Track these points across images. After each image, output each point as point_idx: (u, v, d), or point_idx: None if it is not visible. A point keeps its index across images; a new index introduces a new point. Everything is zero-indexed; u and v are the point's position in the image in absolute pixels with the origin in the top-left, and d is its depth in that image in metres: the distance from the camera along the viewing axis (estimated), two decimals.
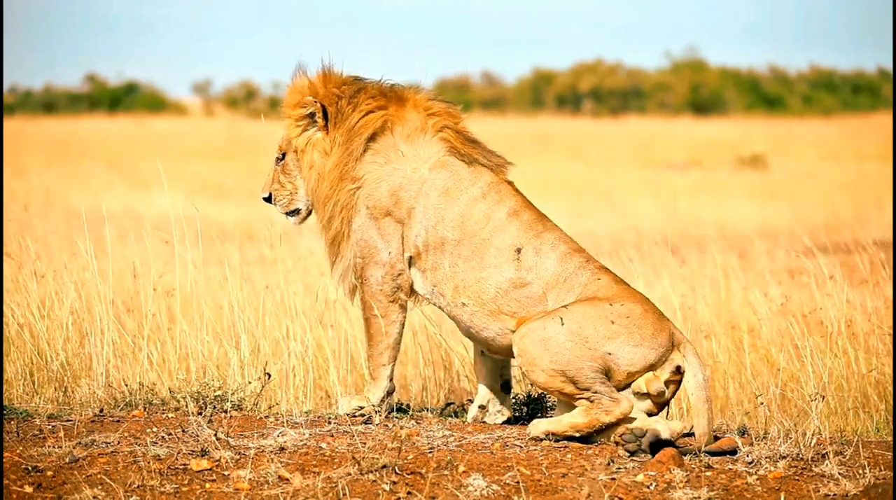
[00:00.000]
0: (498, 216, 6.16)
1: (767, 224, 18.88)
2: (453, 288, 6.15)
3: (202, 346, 7.12)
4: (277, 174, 6.49)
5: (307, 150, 6.39)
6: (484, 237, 6.13)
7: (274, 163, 6.52)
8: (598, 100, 61.53)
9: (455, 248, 6.15)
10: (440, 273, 6.17)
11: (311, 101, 6.34)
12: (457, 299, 6.14)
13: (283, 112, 6.49)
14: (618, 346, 5.89)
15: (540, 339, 5.92)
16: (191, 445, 5.74)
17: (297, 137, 6.42)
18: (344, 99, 6.34)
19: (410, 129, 6.29)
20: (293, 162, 6.46)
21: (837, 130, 45.31)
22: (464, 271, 6.13)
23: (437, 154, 6.26)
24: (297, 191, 6.46)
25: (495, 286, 6.09)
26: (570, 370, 5.87)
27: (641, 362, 5.92)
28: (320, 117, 6.35)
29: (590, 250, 6.28)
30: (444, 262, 6.16)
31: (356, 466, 5.53)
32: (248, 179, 26.99)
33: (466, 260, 6.13)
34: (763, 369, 7.99)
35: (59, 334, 7.09)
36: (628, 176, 29.68)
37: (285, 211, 6.52)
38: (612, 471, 5.62)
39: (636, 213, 21.42)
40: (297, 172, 6.45)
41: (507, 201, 6.18)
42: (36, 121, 49.31)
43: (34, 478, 5.43)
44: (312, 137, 6.39)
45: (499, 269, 6.10)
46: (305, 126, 6.39)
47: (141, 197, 21.38)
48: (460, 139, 6.31)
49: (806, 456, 5.73)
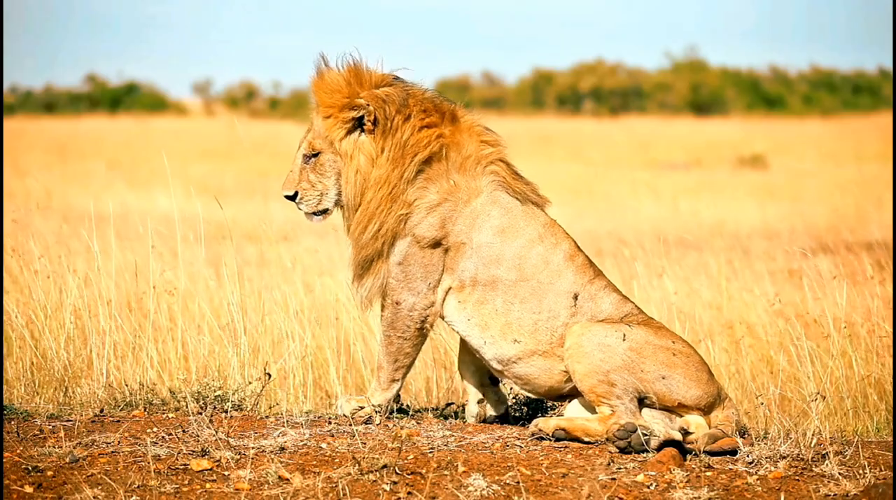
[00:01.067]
0: (556, 261, 6.13)
1: (767, 224, 18.88)
2: (504, 325, 6.10)
3: (202, 346, 7.12)
4: (306, 172, 6.21)
5: (354, 155, 6.14)
6: (542, 281, 6.10)
7: (301, 160, 6.23)
8: (598, 100, 61.55)
9: (511, 288, 6.09)
10: (487, 308, 6.10)
11: (364, 103, 6.09)
12: (507, 336, 6.10)
13: (321, 109, 6.17)
14: (673, 374, 5.96)
15: (599, 343, 5.96)
16: (191, 445, 5.75)
17: (342, 139, 6.14)
18: (391, 104, 6.13)
19: (464, 157, 6.15)
20: (330, 163, 6.18)
21: (837, 130, 45.30)
22: (519, 311, 6.09)
23: (488, 187, 6.15)
24: (328, 191, 6.20)
25: (551, 330, 6.09)
26: (613, 374, 5.89)
27: (694, 398, 5.97)
28: (370, 121, 6.11)
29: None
30: (497, 299, 6.10)
31: (356, 466, 5.53)
32: (248, 180, 27.00)
33: (523, 301, 6.09)
34: (763, 369, 7.99)
35: (61, 334, 7.09)
36: (628, 176, 29.67)
37: (312, 211, 6.23)
38: (612, 471, 5.62)
39: (636, 213, 21.42)
40: (333, 173, 6.19)
41: (562, 245, 6.15)
42: (36, 121, 49.31)
43: (34, 478, 5.44)
44: (359, 140, 6.15)
45: (555, 313, 6.10)
46: (351, 128, 6.15)
47: (141, 197, 21.38)
48: (511, 174, 6.22)
49: (806, 456, 5.73)
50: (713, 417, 5.98)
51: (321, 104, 6.18)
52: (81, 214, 13.61)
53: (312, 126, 6.24)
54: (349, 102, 6.12)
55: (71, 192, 22.34)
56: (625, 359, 5.93)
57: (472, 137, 6.19)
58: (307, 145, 6.22)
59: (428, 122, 6.16)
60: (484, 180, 6.16)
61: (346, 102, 6.12)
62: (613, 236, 16.21)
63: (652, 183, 27.43)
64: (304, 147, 6.23)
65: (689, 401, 5.95)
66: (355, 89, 6.12)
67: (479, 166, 6.17)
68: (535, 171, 6.20)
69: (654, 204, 22.85)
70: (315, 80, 6.22)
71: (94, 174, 26.80)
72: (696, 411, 5.96)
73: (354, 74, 6.17)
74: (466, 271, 6.11)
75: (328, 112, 6.16)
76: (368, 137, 6.13)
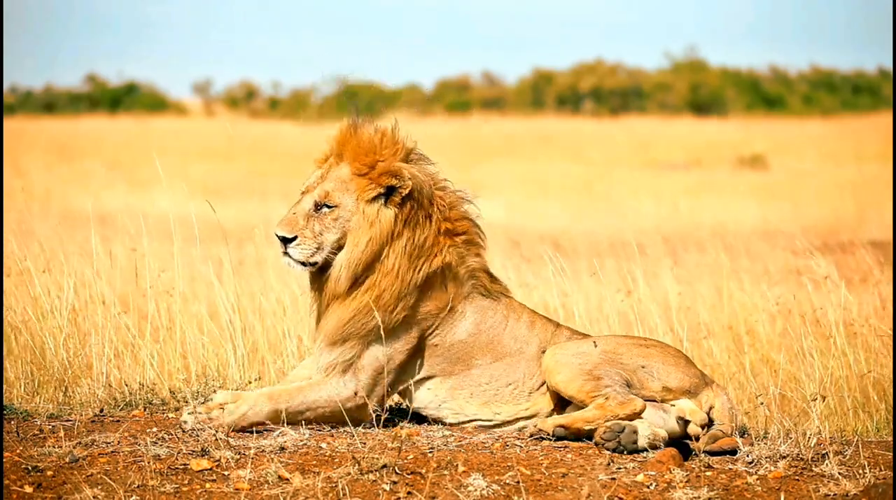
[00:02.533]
0: (521, 332, 6.19)
1: (767, 224, 18.88)
2: (482, 403, 6.14)
3: (201, 346, 7.12)
4: (313, 221, 5.96)
5: (374, 222, 5.94)
6: (513, 353, 6.16)
7: (310, 205, 5.97)
8: (598, 100, 61.54)
9: (484, 369, 6.14)
10: (462, 393, 6.13)
11: (406, 176, 5.92)
12: (486, 411, 6.13)
13: (355, 165, 5.96)
14: (651, 362, 6.06)
15: (574, 353, 6.05)
16: (191, 445, 5.75)
17: (370, 202, 5.94)
18: (424, 194, 6.01)
19: (460, 267, 6.12)
20: (342, 219, 5.94)
21: (837, 130, 45.29)
22: (496, 387, 6.14)
23: (469, 291, 6.15)
24: (325, 247, 5.96)
25: (529, 389, 6.15)
26: (596, 370, 5.95)
27: (676, 381, 6.04)
28: (400, 196, 5.94)
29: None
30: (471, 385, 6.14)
31: (356, 466, 5.53)
32: (249, 180, 27.00)
33: (498, 378, 6.14)
34: (763, 369, 7.99)
35: (60, 334, 7.09)
36: (628, 176, 29.67)
37: (303, 260, 5.96)
38: (612, 471, 5.62)
39: (636, 213, 21.42)
40: (340, 231, 5.96)
41: (523, 317, 6.22)
42: (36, 121, 49.31)
43: (34, 478, 5.43)
44: (382, 209, 5.96)
45: (531, 372, 6.16)
46: (380, 194, 5.94)
47: (141, 197, 21.38)
48: (489, 278, 6.22)
49: (806, 456, 5.73)
50: (703, 400, 6.01)
51: (356, 159, 5.97)
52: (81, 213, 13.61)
53: (329, 174, 6.02)
54: (391, 168, 5.94)
55: (71, 192, 22.34)
56: (602, 357, 6.03)
57: (471, 249, 6.16)
58: (321, 193, 5.98)
59: (446, 228, 6.08)
60: (467, 286, 6.15)
61: (386, 168, 5.94)
62: (613, 236, 16.21)
63: (652, 183, 27.44)
64: (317, 194, 5.98)
65: (673, 384, 6.02)
66: (390, 156, 5.96)
67: (467, 275, 6.14)
68: (535, 171, 6.18)
69: (654, 204, 22.85)
70: (348, 132, 6.02)
71: (94, 174, 26.80)
72: (683, 394, 6.00)
73: (391, 140, 6.02)
74: (438, 365, 6.13)
75: (363, 170, 5.95)
76: (392, 211, 5.96)
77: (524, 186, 26.91)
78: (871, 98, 58.89)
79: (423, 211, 6.02)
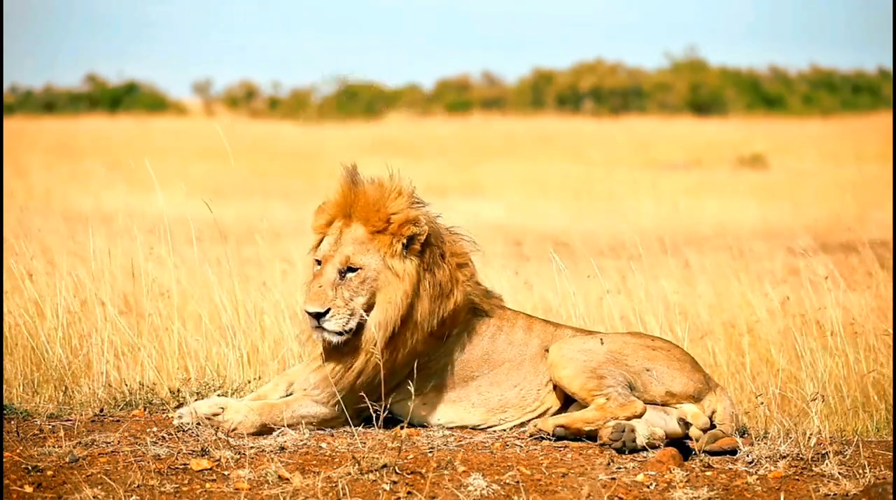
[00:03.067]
0: (518, 337, 6.17)
1: (767, 224, 18.89)
2: (486, 411, 6.13)
3: (200, 346, 7.12)
4: (341, 289, 5.81)
5: (404, 276, 5.84)
6: (513, 358, 6.15)
7: (334, 275, 5.82)
8: (598, 100, 61.54)
9: (484, 379, 6.13)
10: (462, 404, 6.12)
11: (424, 224, 5.84)
12: (492, 418, 6.12)
13: (370, 223, 5.84)
14: (656, 365, 6.05)
15: (579, 349, 6.04)
16: (191, 444, 5.75)
17: (395, 257, 5.84)
18: (437, 234, 5.96)
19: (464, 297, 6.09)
20: (370, 280, 5.83)
21: (837, 130, 45.29)
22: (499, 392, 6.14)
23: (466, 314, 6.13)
24: (357, 311, 5.82)
25: (537, 387, 6.14)
26: (600, 369, 5.95)
27: (681, 385, 6.03)
28: (419, 244, 5.86)
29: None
30: (472, 395, 6.13)
31: (356, 465, 5.53)
32: (248, 180, 26.99)
33: (500, 384, 6.14)
34: (763, 369, 7.99)
35: (59, 333, 7.09)
36: (628, 176, 29.67)
37: (339, 329, 5.82)
38: (612, 471, 5.62)
39: (636, 213, 21.42)
40: (368, 292, 5.84)
41: (518, 321, 6.20)
42: (36, 121, 49.31)
43: (34, 478, 5.43)
44: (406, 261, 5.86)
45: (536, 369, 6.15)
46: (403, 246, 5.85)
47: (141, 197, 21.38)
48: (484, 296, 6.18)
49: (806, 456, 5.73)
50: (706, 405, 6.01)
51: (368, 218, 5.85)
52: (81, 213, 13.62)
53: (343, 238, 5.88)
54: (408, 218, 5.85)
55: (71, 192, 22.34)
56: (608, 356, 6.01)
57: (471, 280, 6.14)
58: (342, 259, 5.83)
59: (458, 262, 6.04)
60: (463, 312, 6.12)
61: (403, 219, 5.84)
62: (613, 236, 16.21)
63: (652, 183, 27.44)
64: (339, 261, 5.84)
65: (677, 389, 6.01)
66: (403, 207, 5.86)
67: (465, 302, 6.10)
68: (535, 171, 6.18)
69: (654, 204, 22.85)
70: (350, 192, 5.89)
71: (94, 174, 26.79)
72: (687, 399, 6.00)
73: (396, 190, 5.90)
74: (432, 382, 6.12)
75: (380, 226, 5.84)
76: (414, 262, 5.88)
77: (524, 186, 26.91)
78: (870, 98, 58.89)
79: (438, 251, 5.98)
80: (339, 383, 5.94)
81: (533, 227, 19.03)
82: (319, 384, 5.97)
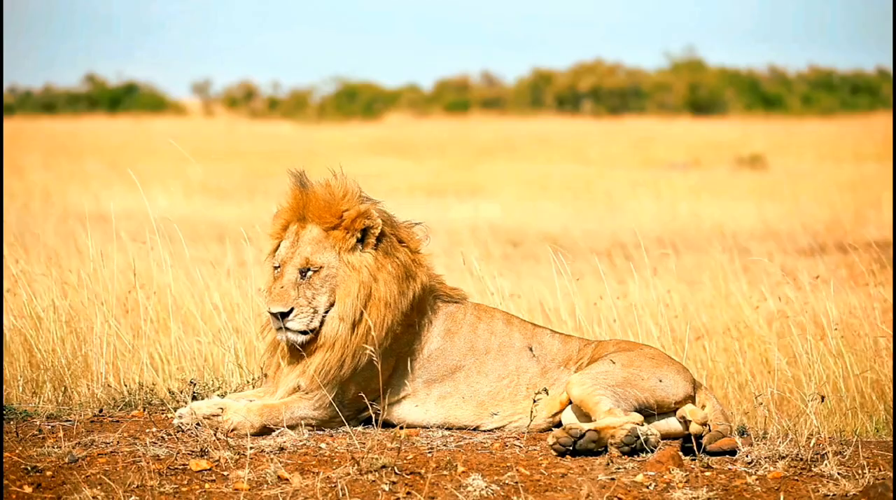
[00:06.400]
0: (499, 327, 6.21)
1: (767, 224, 18.89)
2: (477, 404, 6.13)
3: (199, 346, 7.13)
4: (303, 288, 5.91)
5: (360, 268, 5.94)
6: (497, 344, 6.17)
7: (295, 274, 5.93)
8: (597, 100, 61.57)
9: (471, 369, 6.14)
10: (453, 399, 6.13)
11: (375, 216, 5.95)
12: (483, 413, 6.13)
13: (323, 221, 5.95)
14: (665, 374, 6.07)
15: (597, 372, 6.04)
16: (190, 445, 5.75)
17: (350, 251, 5.95)
18: (387, 225, 6.02)
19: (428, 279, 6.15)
20: (329, 277, 5.93)
21: (837, 130, 45.30)
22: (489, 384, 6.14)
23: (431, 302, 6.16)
24: (320, 309, 5.92)
25: (525, 383, 6.15)
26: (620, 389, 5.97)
27: (684, 391, 6.07)
28: (374, 237, 5.96)
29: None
30: (461, 386, 6.13)
31: (355, 466, 5.53)
32: (248, 180, 27.00)
33: (488, 374, 6.15)
34: (762, 369, 7.99)
35: (58, 334, 7.09)
36: (628, 176, 29.68)
37: (303, 329, 5.92)
38: (612, 471, 5.62)
39: (636, 213, 21.42)
40: (329, 289, 5.94)
41: (496, 315, 6.26)
42: (36, 121, 49.34)
43: (34, 478, 5.44)
44: (362, 254, 5.96)
45: (523, 367, 6.17)
46: (357, 240, 5.96)
47: (140, 197, 21.37)
48: (448, 287, 6.25)
49: (805, 456, 5.73)
50: (697, 402, 6.04)
51: (321, 218, 5.96)
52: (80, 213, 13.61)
53: (300, 240, 5.98)
54: (359, 211, 5.96)
55: (70, 192, 22.34)
56: (625, 375, 6.01)
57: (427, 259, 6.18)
58: (301, 260, 5.94)
59: (414, 246, 6.11)
60: (429, 298, 6.16)
61: (354, 214, 5.95)
62: (613, 236, 16.22)
63: (651, 183, 27.43)
64: (298, 262, 5.94)
65: (681, 394, 6.03)
66: (352, 202, 5.97)
67: (426, 289, 6.14)
68: (535, 171, 6.17)
69: (653, 204, 22.85)
70: (301, 196, 6.00)
71: (94, 174, 26.80)
72: (689, 401, 6.03)
73: (343, 188, 6.01)
74: (421, 378, 6.12)
75: (333, 222, 5.96)
76: (369, 253, 5.98)
77: (523, 187, 26.92)
78: (869, 98, 58.92)
79: (395, 238, 6.06)
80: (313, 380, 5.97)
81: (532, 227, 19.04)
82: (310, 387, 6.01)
